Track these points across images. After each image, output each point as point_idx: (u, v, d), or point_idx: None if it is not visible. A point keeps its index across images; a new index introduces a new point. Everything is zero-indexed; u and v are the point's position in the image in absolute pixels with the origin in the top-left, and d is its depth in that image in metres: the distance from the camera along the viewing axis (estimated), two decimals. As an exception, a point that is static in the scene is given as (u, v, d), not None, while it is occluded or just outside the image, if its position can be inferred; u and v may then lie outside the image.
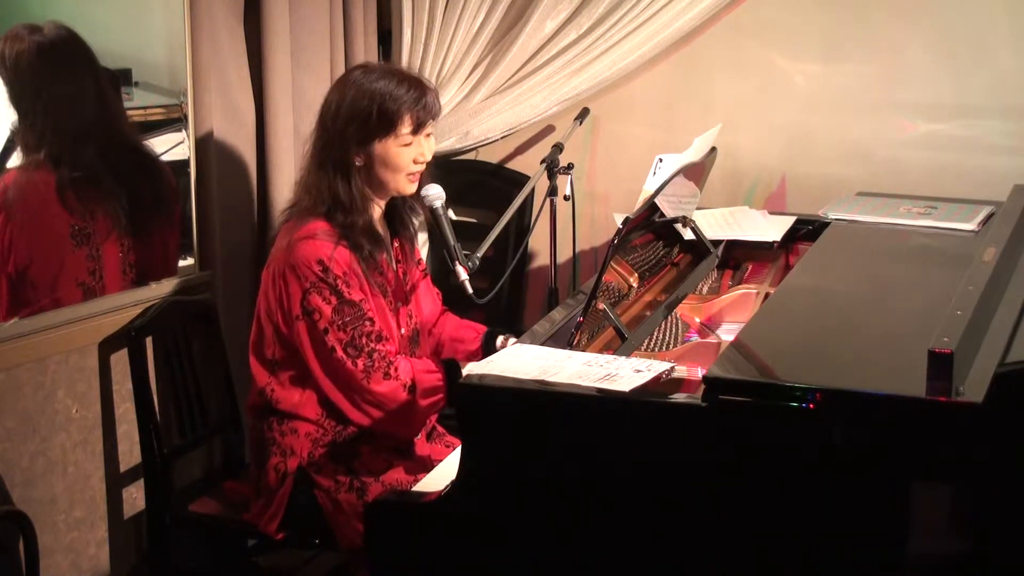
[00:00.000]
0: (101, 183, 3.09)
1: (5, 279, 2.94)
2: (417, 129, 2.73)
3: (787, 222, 3.33)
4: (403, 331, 2.85)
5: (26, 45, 2.97)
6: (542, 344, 2.52)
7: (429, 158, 2.78)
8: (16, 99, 2.97)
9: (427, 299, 2.99)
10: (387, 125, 2.70)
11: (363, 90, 2.70)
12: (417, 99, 2.72)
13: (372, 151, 2.72)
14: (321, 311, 2.66)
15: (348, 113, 2.70)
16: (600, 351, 2.58)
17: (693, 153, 2.84)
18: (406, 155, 2.73)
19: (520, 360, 2.33)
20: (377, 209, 2.81)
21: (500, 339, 2.97)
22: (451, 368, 2.74)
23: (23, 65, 2.97)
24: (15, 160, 2.98)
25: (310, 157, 2.77)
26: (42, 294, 2.99)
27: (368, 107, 2.69)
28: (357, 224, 2.71)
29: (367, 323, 2.68)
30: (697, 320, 2.94)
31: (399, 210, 2.88)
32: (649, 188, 2.71)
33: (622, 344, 2.58)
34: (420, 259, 3.03)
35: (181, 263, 3.38)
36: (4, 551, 2.75)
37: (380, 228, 2.82)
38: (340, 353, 2.66)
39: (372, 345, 2.67)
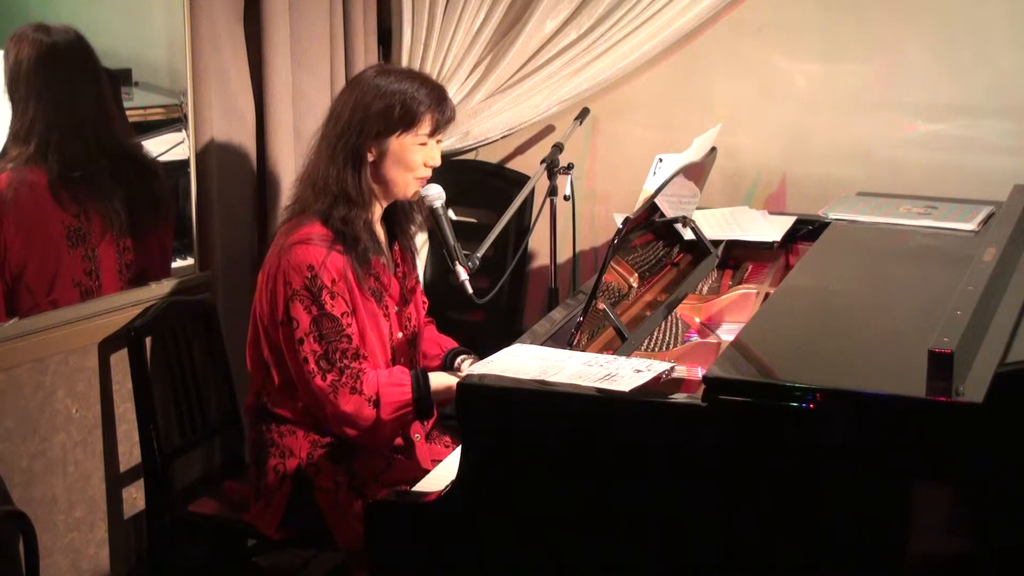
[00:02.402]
0: (95, 184, 3.09)
1: (1, 281, 2.94)
2: (434, 131, 2.74)
3: (787, 222, 3.33)
4: (401, 335, 2.85)
5: (30, 43, 2.98)
6: (542, 344, 2.52)
7: (437, 164, 2.79)
8: (13, 95, 2.97)
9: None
10: (409, 122, 2.71)
11: (385, 89, 2.71)
12: (439, 102, 2.74)
13: (387, 146, 2.72)
14: (299, 320, 2.65)
15: (368, 108, 2.70)
16: (600, 351, 2.58)
17: (693, 153, 2.84)
18: (419, 155, 2.74)
19: (520, 360, 2.33)
20: (378, 209, 2.81)
21: (459, 360, 2.96)
22: (421, 379, 2.71)
23: (24, 62, 2.97)
24: (9, 158, 2.98)
25: (317, 151, 2.76)
26: (39, 295, 2.99)
27: (391, 103, 2.69)
28: (359, 218, 2.71)
29: (344, 340, 2.66)
30: (697, 320, 2.94)
31: (397, 215, 2.88)
32: (649, 188, 2.71)
33: (622, 344, 2.58)
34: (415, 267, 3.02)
35: (181, 263, 3.38)
36: (4, 551, 2.76)
37: (379, 230, 2.82)
38: (312, 365, 2.65)
39: (346, 362, 2.66)
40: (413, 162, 2.74)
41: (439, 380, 2.72)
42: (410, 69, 2.89)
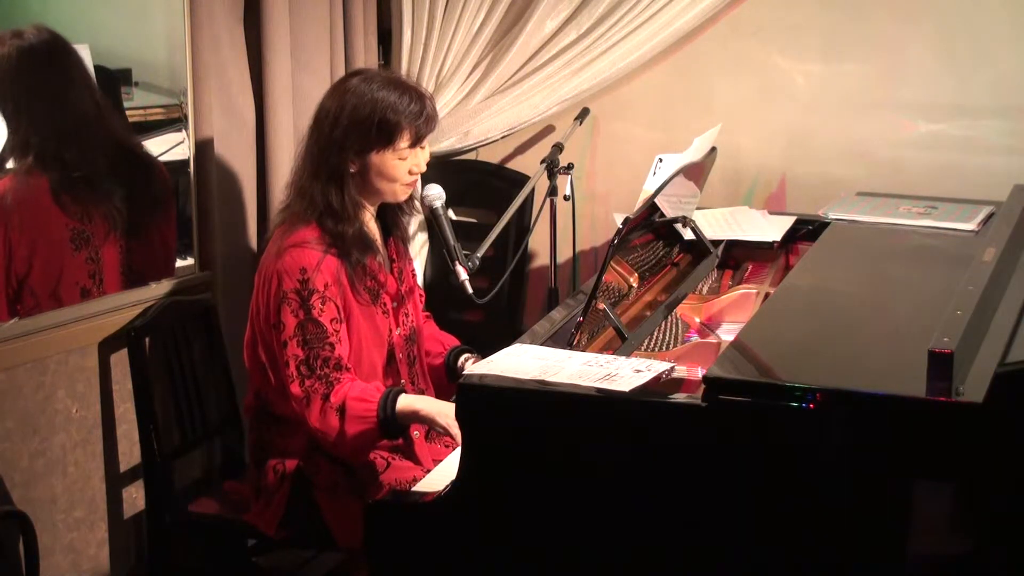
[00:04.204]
0: (96, 184, 3.08)
1: (4, 287, 2.93)
2: (415, 143, 2.73)
3: (787, 222, 3.33)
4: (400, 331, 2.85)
5: (6, 50, 2.96)
6: (542, 344, 2.52)
7: (424, 169, 2.78)
8: (3, 109, 2.96)
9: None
10: (387, 138, 2.69)
11: (364, 100, 2.68)
12: (418, 113, 2.70)
13: (368, 160, 2.71)
14: (286, 324, 2.65)
15: (348, 123, 2.68)
16: (600, 351, 2.58)
17: (693, 153, 2.84)
18: (402, 167, 2.73)
19: (520, 360, 2.33)
20: (369, 214, 2.81)
21: (463, 359, 2.96)
22: (389, 398, 2.64)
23: (4, 70, 2.96)
24: (8, 166, 2.98)
25: (304, 162, 2.75)
26: (43, 298, 2.98)
27: (369, 118, 2.67)
28: (348, 233, 2.71)
29: (327, 348, 2.64)
30: (697, 320, 2.94)
31: (391, 210, 2.87)
32: (649, 188, 2.71)
33: (622, 344, 2.58)
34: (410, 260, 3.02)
35: (181, 263, 3.38)
36: (4, 551, 2.75)
37: (373, 229, 2.82)
38: (291, 369, 2.64)
39: (326, 371, 2.64)
40: (396, 175, 2.73)
41: (407, 403, 2.65)
42: (391, 75, 2.84)
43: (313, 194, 2.71)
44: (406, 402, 2.64)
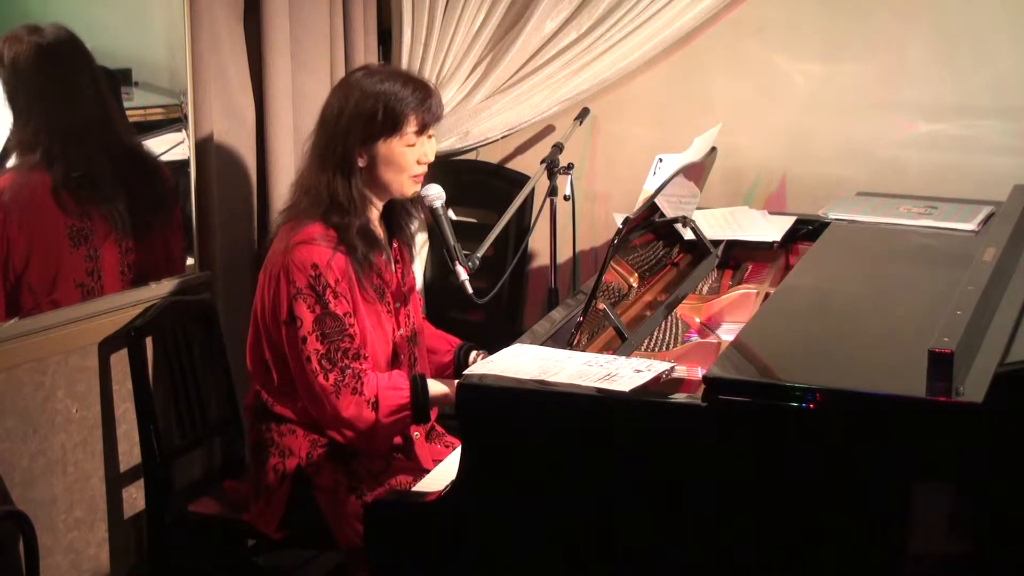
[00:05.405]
0: (97, 184, 3.09)
1: (3, 283, 2.94)
2: (422, 130, 2.74)
3: (787, 222, 3.33)
4: (402, 331, 2.85)
5: (24, 46, 2.97)
6: (542, 344, 2.52)
7: (432, 159, 2.79)
8: (12, 99, 2.97)
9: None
10: (393, 125, 2.70)
11: (368, 91, 2.70)
12: (423, 100, 2.72)
13: (376, 151, 2.72)
14: (303, 319, 2.65)
15: (353, 113, 2.70)
16: (600, 351, 2.58)
17: (693, 153, 2.84)
18: (410, 155, 2.73)
19: (520, 360, 2.33)
20: (375, 211, 2.81)
21: (473, 354, 2.98)
22: (420, 384, 2.72)
23: (20, 65, 2.97)
24: (11, 162, 2.98)
25: (310, 158, 2.77)
26: (41, 296, 2.98)
27: (374, 107, 2.69)
28: (354, 226, 2.71)
29: (347, 339, 2.67)
30: (697, 320, 2.94)
31: (396, 213, 2.88)
32: (649, 188, 2.71)
33: (622, 344, 2.58)
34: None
35: (180, 263, 3.39)
36: (4, 551, 2.75)
37: (378, 230, 2.82)
38: (314, 364, 2.66)
39: (347, 362, 2.66)
40: (405, 163, 2.74)
41: (436, 387, 2.73)
42: (395, 69, 2.87)
43: (319, 188, 2.71)
44: (437, 387, 2.72)
